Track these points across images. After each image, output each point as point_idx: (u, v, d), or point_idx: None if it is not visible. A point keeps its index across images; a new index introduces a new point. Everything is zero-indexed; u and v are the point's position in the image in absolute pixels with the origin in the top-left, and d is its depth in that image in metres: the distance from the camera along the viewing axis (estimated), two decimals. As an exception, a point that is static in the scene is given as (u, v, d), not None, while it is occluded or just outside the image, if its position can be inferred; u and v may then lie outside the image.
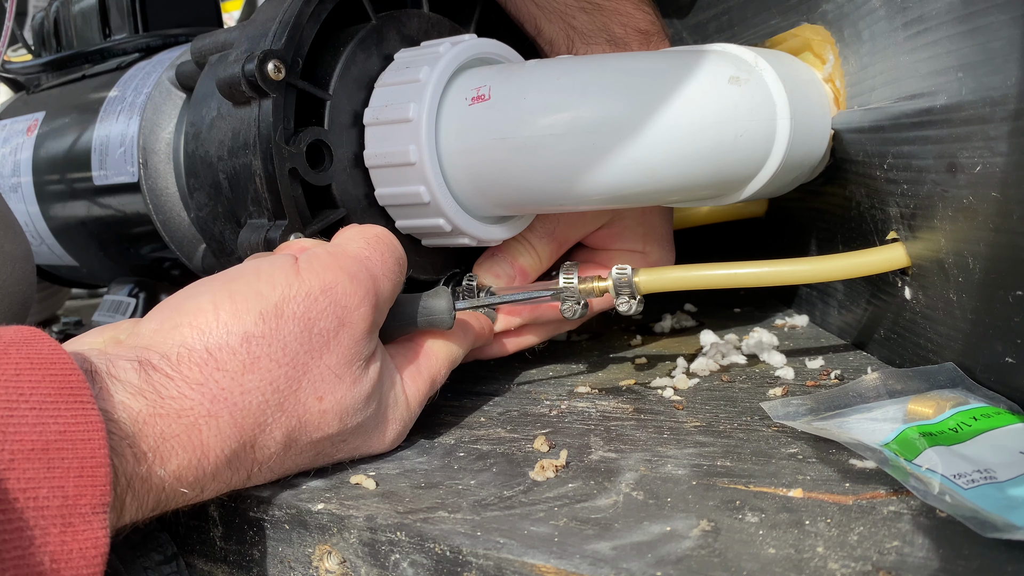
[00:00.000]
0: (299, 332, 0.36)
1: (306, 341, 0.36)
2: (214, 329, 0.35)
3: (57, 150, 0.64)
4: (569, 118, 0.42)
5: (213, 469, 0.34)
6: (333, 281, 0.38)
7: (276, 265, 0.37)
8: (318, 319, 0.37)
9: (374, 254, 0.40)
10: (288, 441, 0.36)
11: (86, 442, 0.28)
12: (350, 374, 0.38)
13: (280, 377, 0.36)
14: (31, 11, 0.90)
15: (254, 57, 0.43)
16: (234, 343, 0.35)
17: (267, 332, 0.36)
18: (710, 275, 0.43)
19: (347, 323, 0.38)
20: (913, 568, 0.27)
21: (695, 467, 0.36)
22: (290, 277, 0.37)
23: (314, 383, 0.37)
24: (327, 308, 0.37)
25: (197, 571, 0.40)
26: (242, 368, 0.35)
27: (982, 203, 0.34)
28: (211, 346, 0.35)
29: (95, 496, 0.28)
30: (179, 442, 0.33)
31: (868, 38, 0.42)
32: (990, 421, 0.34)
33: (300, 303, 0.37)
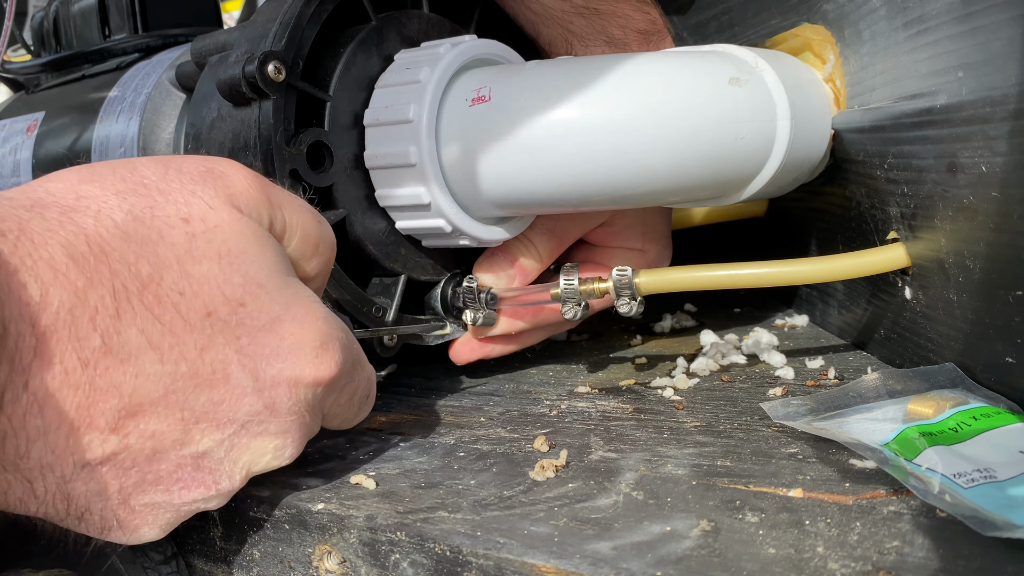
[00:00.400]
0: (153, 164, 0.34)
1: (160, 171, 0.33)
2: (54, 179, 0.32)
3: (57, 150, 0.64)
4: (569, 119, 0.42)
5: (46, 257, 0.28)
6: (204, 159, 0.36)
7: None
8: (177, 161, 0.34)
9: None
10: (151, 268, 0.31)
11: None
12: (228, 209, 0.33)
13: (127, 188, 0.32)
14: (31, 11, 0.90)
15: (254, 58, 0.43)
16: (73, 169, 0.33)
17: (112, 162, 0.33)
18: (711, 276, 0.43)
19: (216, 172, 0.35)
20: (913, 568, 0.27)
21: (695, 467, 0.36)
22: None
23: (176, 203, 0.32)
24: (182, 158, 0.35)
25: (197, 571, 0.40)
26: (78, 179, 0.31)
27: (982, 203, 0.34)
28: (49, 175, 0.32)
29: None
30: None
31: (868, 38, 0.42)
32: (990, 421, 0.34)
33: (158, 156, 0.36)
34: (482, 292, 0.49)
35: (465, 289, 0.49)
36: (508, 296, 0.49)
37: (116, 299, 0.30)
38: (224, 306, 0.32)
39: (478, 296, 0.49)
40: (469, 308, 0.50)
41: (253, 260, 0.33)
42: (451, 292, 0.51)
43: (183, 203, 0.33)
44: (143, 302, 0.30)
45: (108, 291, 0.30)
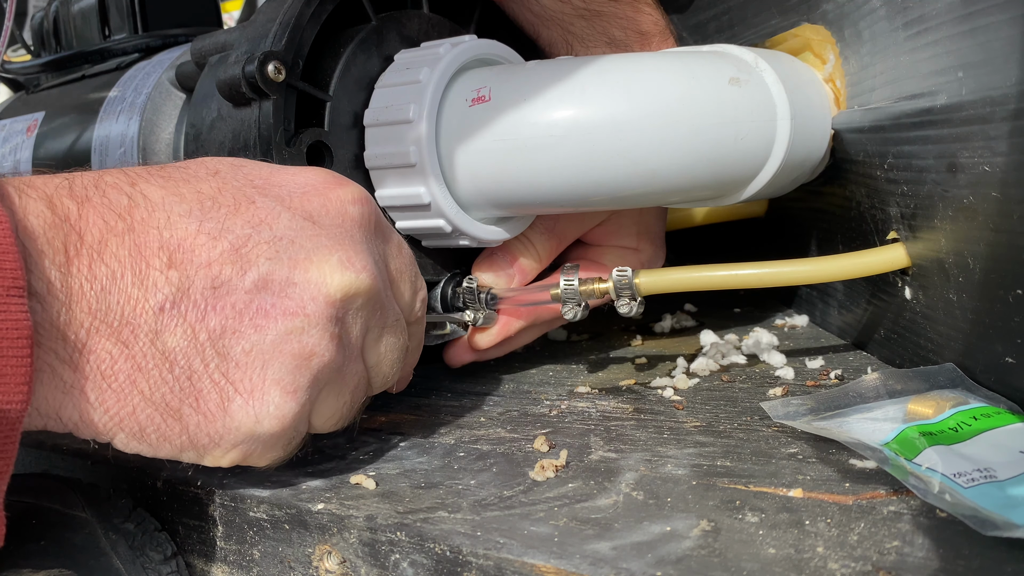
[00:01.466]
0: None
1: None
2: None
3: (57, 150, 0.64)
4: (569, 119, 0.42)
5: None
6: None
7: None
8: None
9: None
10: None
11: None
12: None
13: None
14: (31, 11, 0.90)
15: (254, 58, 0.43)
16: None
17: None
18: (711, 276, 0.43)
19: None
20: (913, 568, 0.27)
21: (695, 467, 0.36)
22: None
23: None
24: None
25: (197, 571, 0.40)
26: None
27: (982, 203, 0.34)
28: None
29: (5, 279, 0.27)
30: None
31: (868, 38, 0.42)
32: (990, 421, 0.34)
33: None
34: (482, 292, 0.49)
35: (465, 289, 0.49)
36: (508, 296, 0.49)
37: (128, 175, 0.33)
38: (226, 166, 0.36)
39: (478, 296, 0.49)
40: (469, 308, 0.50)
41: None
42: (451, 292, 0.51)
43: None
44: (152, 173, 0.34)
45: (120, 173, 0.33)
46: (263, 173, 0.36)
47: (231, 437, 0.33)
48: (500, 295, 0.49)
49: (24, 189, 0.30)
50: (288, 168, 0.38)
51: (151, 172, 0.34)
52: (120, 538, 0.38)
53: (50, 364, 0.30)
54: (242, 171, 0.36)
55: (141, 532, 0.39)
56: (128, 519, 0.39)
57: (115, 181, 0.33)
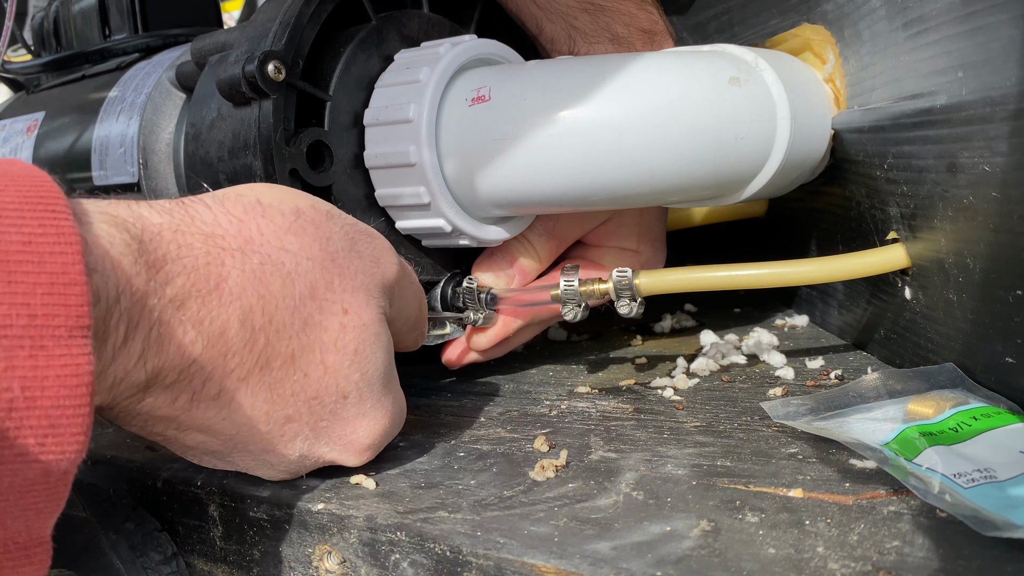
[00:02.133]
0: (342, 237, 0.36)
1: (347, 249, 0.36)
2: (270, 193, 0.35)
3: (57, 150, 0.64)
4: (569, 119, 0.42)
5: (220, 320, 0.31)
6: (376, 232, 0.39)
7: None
8: (360, 242, 0.37)
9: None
10: (301, 345, 0.34)
11: (56, 255, 0.25)
12: (375, 308, 0.36)
13: (319, 258, 0.34)
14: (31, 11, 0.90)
15: (254, 58, 0.43)
16: (285, 208, 0.35)
17: (316, 218, 0.35)
18: (711, 277, 0.43)
19: (380, 263, 0.38)
20: (913, 568, 0.27)
21: (695, 467, 0.36)
22: (337, 208, 0.38)
23: (345, 290, 0.35)
24: (368, 241, 0.38)
25: (197, 571, 0.40)
26: (287, 228, 0.34)
27: (982, 203, 0.34)
28: (263, 199, 0.34)
29: (70, 317, 0.25)
30: (193, 261, 0.30)
31: (868, 38, 0.42)
32: (990, 421, 0.34)
33: (348, 221, 0.38)
34: (482, 292, 0.49)
35: (465, 289, 0.49)
36: (508, 296, 0.49)
37: (252, 368, 0.33)
38: (332, 395, 0.35)
39: (478, 296, 0.49)
40: (469, 308, 0.50)
41: (375, 362, 0.36)
42: (451, 292, 0.51)
43: (351, 292, 0.36)
44: (272, 376, 0.34)
45: (251, 359, 0.33)
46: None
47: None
48: (500, 295, 0.49)
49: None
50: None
51: (264, 378, 0.34)
52: (120, 538, 0.38)
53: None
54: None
55: (141, 532, 0.39)
56: (128, 519, 0.39)
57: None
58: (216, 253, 0.31)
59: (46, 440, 0.24)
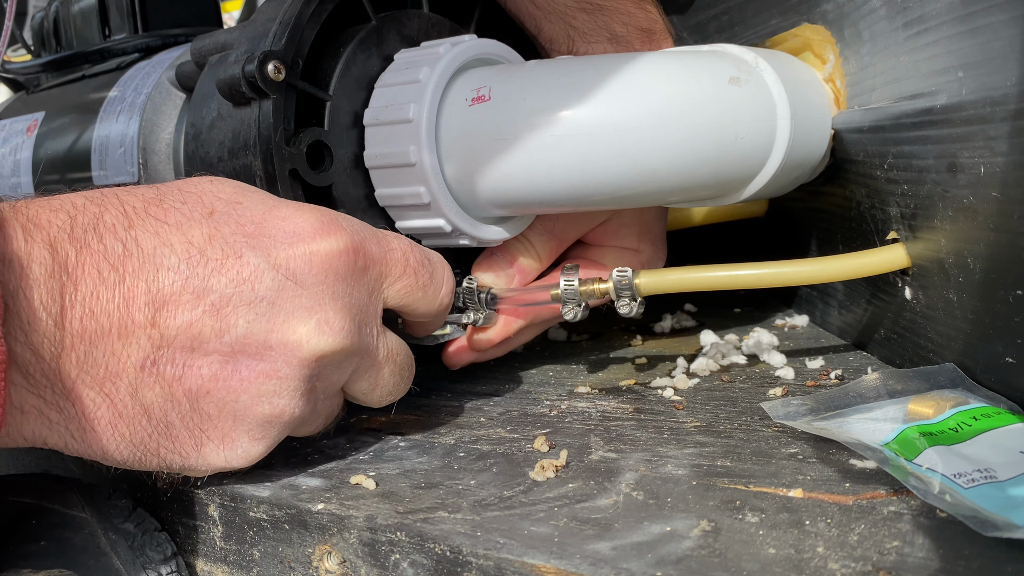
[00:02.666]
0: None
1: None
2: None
3: (57, 150, 0.64)
4: (569, 119, 0.42)
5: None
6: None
7: None
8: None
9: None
10: (155, 195, 0.36)
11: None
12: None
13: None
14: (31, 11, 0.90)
15: (254, 58, 0.43)
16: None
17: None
18: (711, 277, 0.43)
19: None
20: (913, 568, 0.27)
21: (695, 467, 0.36)
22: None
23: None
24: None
25: (197, 571, 0.40)
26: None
27: (982, 203, 0.34)
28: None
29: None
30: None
31: (868, 38, 0.42)
32: (990, 421, 0.34)
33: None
34: (482, 292, 0.49)
35: (465, 289, 0.49)
36: (508, 296, 0.49)
37: (127, 216, 0.34)
38: (222, 204, 0.36)
39: (478, 296, 0.49)
40: (469, 308, 0.50)
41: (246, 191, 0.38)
42: (451, 292, 0.51)
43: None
44: (149, 214, 0.35)
45: (119, 211, 0.34)
46: (256, 216, 0.36)
47: (204, 470, 0.37)
48: (500, 295, 0.49)
49: (31, 229, 0.32)
50: (282, 208, 0.37)
51: (148, 211, 0.35)
52: (120, 538, 0.38)
53: (37, 407, 0.32)
54: (235, 214, 0.36)
55: (141, 532, 0.39)
56: (128, 519, 0.39)
57: (113, 223, 0.34)
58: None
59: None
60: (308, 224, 0.37)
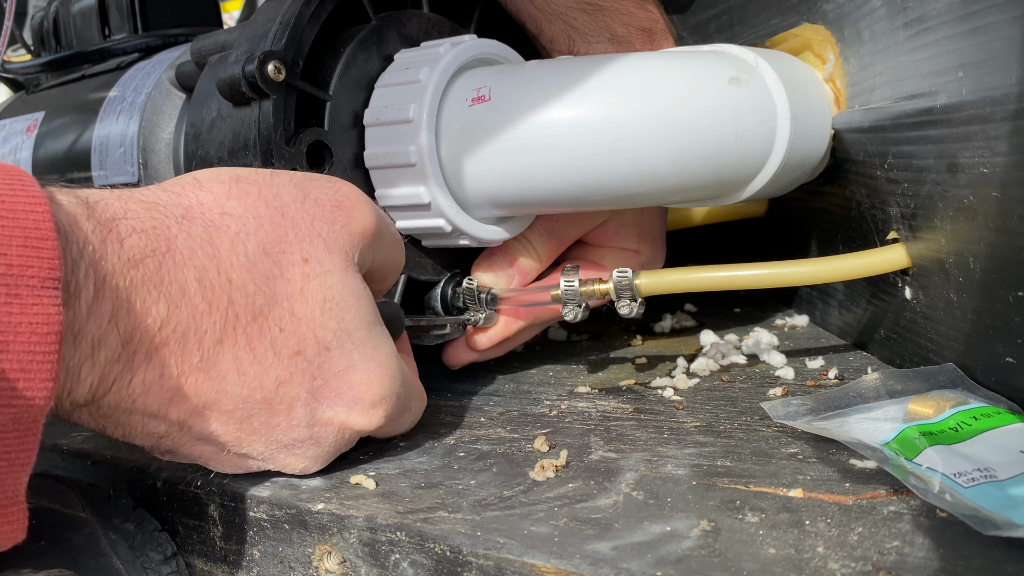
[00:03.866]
0: (293, 189, 0.36)
1: (300, 199, 0.36)
2: (207, 172, 0.36)
3: (57, 150, 0.64)
4: (569, 119, 0.42)
5: (179, 280, 0.32)
6: (340, 181, 0.39)
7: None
8: (315, 189, 0.37)
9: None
10: (266, 298, 0.34)
11: (28, 213, 0.27)
12: (340, 256, 0.36)
13: (266, 215, 0.35)
14: (31, 11, 0.90)
15: (254, 58, 0.43)
16: (224, 177, 0.35)
17: (258, 179, 0.36)
18: (711, 277, 0.43)
19: (344, 207, 0.37)
20: (913, 568, 0.27)
21: (695, 467, 0.36)
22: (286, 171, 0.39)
23: (302, 240, 0.35)
24: (326, 186, 0.37)
25: (197, 571, 0.40)
26: (226, 194, 0.34)
27: (982, 203, 0.34)
28: (200, 176, 0.35)
29: (43, 268, 0.27)
30: (140, 223, 0.31)
31: (868, 38, 0.42)
32: (990, 421, 0.34)
33: (298, 174, 0.38)
34: (482, 292, 0.49)
35: (465, 289, 0.49)
36: (508, 296, 0.49)
37: (224, 327, 0.33)
38: (313, 348, 0.35)
39: (478, 296, 0.49)
40: (469, 308, 0.50)
41: (349, 310, 0.36)
42: (451, 292, 0.51)
43: (308, 242, 0.35)
44: (246, 333, 0.34)
45: (220, 318, 0.33)
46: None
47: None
48: (500, 295, 0.49)
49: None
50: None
51: (241, 336, 0.34)
52: (120, 538, 0.38)
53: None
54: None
55: (141, 532, 0.39)
56: (128, 519, 0.39)
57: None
58: (161, 219, 0.32)
59: (17, 383, 0.26)
60: (368, 398, 0.37)
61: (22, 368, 0.26)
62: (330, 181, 0.38)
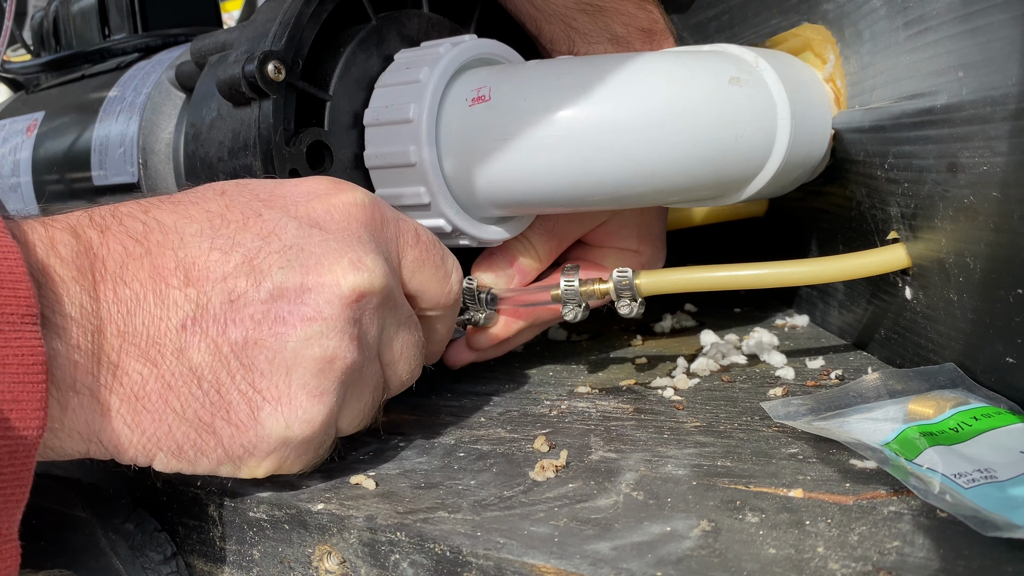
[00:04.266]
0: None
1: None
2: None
3: (57, 150, 0.64)
4: (569, 119, 0.42)
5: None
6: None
7: None
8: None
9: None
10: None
11: (2, 260, 0.28)
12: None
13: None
14: (31, 11, 0.90)
15: (254, 58, 0.43)
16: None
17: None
18: (711, 277, 0.43)
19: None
20: (913, 568, 0.27)
21: (695, 467, 0.36)
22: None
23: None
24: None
25: (197, 571, 0.40)
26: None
27: (983, 203, 0.34)
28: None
29: (20, 306, 0.28)
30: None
31: (869, 38, 0.42)
32: (990, 421, 0.34)
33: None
34: (482, 292, 0.49)
35: (465, 289, 0.49)
36: (508, 296, 0.49)
37: (141, 204, 0.35)
38: (232, 186, 0.37)
39: (478, 296, 0.49)
40: (469, 308, 0.50)
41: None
42: (451, 292, 0.51)
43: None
44: (163, 200, 0.36)
45: (133, 204, 0.35)
46: (267, 187, 0.38)
47: (264, 445, 0.34)
48: (500, 295, 0.49)
49: (49, 222, 0.32)
50: (290, 180, 0.39)
51: (162, 200, 0.36)
52: (120, 538, 0.38)
53: (89, 387, 0.31)
54: (247, 188, 0.37)
55: (141, 532, 0.39)
56: (128, 519, 0.39)
57: (129, 210, 0.35)
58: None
59: (10, 414, 0.27)
60: (320, 185, 0.38)
61: (14, 399, 0.27)
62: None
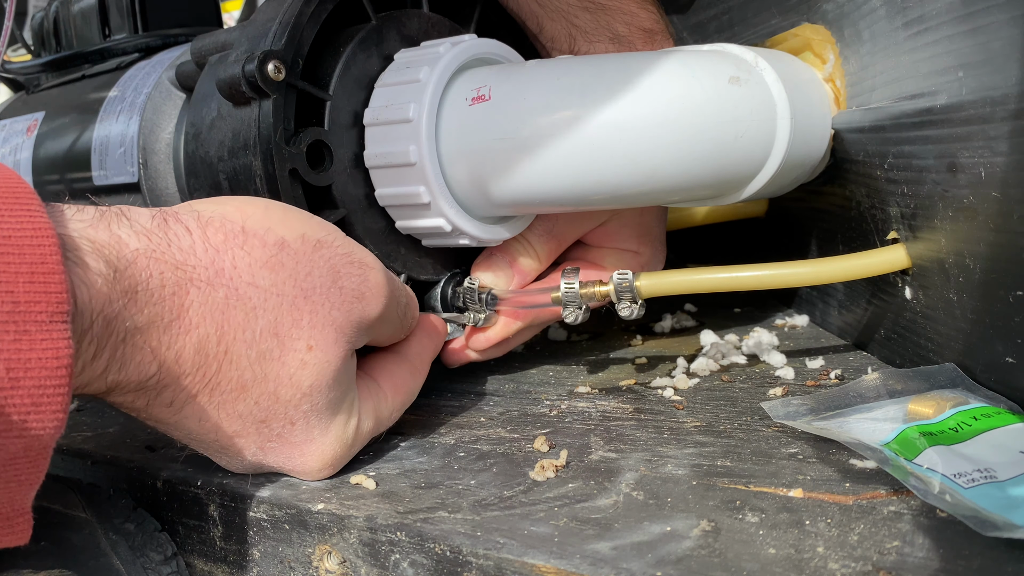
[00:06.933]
0: (326, 272, 0.36)
1: (328, 284, 0.36)
2: (259, 220, 0.35)
3: (57, 150, 0.64)
4: (569, 118, 0.42)
5: (176, 347, 0.32)
6: (372, 262, 0.39)
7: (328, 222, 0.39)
8: (345, 276, 0.37)
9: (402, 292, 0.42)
10: (255, 376, 0.35)
11: (35, 247, 0.27)
12: (344, 344, 0.37)
13: (290, 295, 0.35)
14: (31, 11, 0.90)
15: (254, 58, 0.43)
16: (269, 239, 0.35)
17: (301, 251, 0.36)
18: (711, 278, 0.43)
19: (365, 299, 0.38)
20: (913, 568, 0.27)
21: (695, 467, 0.36)
22: (338, 232, 0.38)
23: (314, 327, 0.36)
24: (356, 275, 0.37)
25: (197, 571, 0.40)
26: (263, 262, 0.34)
27: (982, 203, 0.34)
28: (248, 228, 0.35)
29: (51, 303, 0.27)
30: (161, 291, 0.31)
31: (868, 38, 0.42)
32: (990, 421, 0.34)
33: (338, 252, 0.37)
34: (482, 292, 0.49)
35: (465, 289, 0.49)
36: (508, 297, 0.49)
37: (203, 388, 0.34)
38: (280, 422, 0.36)
39: (478, 296, 0.49)
40: (469, 308, 0.50)
41: (327, 393, 0.37)
42: (451, 292, 0.51)
43: (319, 330, 0.36)
44: (222, 397, 0.35)
45: (202, 381, 0.34)
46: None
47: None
48: (500, 296, 0.49)
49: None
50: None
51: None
52: (120, 538, 0.38)
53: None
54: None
55: (141, 532, 0.39)
56: (128, 519, 0.39)
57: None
58: (183, 284, 0.32)
59: (28, 417, 0.26)
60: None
61: (33, 403, 0.27)
62: (361, 268, 0.38)
